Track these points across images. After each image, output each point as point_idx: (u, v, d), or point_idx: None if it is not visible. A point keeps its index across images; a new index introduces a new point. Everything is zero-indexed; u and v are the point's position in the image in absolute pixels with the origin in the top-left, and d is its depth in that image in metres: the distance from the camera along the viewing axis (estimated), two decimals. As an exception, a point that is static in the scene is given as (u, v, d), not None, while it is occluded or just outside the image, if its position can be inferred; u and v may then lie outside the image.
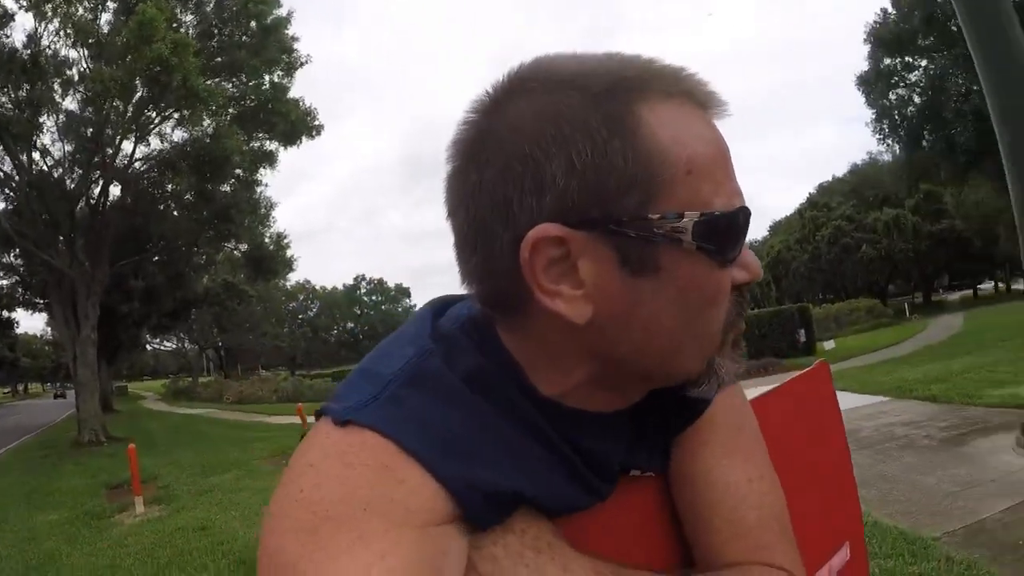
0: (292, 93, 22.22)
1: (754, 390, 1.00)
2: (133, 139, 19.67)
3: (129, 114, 18.58)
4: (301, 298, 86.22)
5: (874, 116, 24.39)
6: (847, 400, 10.79)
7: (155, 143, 20.80)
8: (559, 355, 0.63)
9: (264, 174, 23.11)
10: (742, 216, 0.59)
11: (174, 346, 62.16)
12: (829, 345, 23.85)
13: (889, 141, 24.84)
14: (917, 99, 23.60)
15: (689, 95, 0.59)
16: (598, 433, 0.68)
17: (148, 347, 55.20)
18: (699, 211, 0.56)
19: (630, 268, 0.57)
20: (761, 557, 0.75)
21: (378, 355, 0.67)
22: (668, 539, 0.82)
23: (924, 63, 23.03)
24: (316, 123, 22.56)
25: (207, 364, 72.46)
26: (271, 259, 27.03)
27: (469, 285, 0.63)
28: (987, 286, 61.37)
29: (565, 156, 0.54)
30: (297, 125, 21.91)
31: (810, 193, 67.87)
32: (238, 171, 21.56)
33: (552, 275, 0.57)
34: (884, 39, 22.39)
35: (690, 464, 0.78)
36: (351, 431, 0.58)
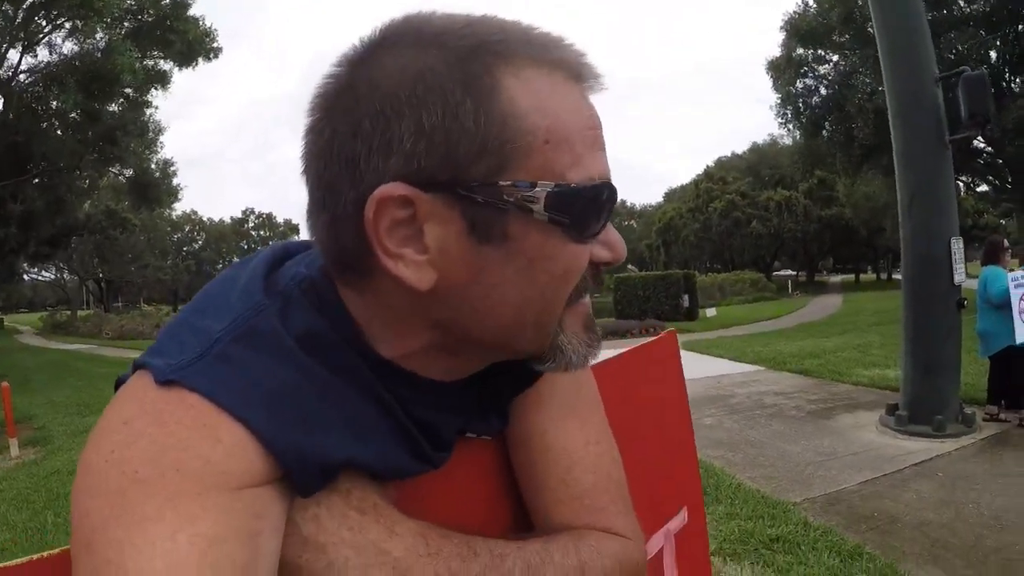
0: (193, 11, 20.94)
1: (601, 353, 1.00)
2: (20, 48, 18.25)
3: (18, 20, 17.23)
4: (187, 229, 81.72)
5: (779, 101, 25.17)
6: (723, 367, 11.24)
7: (43, 55, 19.39)
8: (400, 319, 0.62)
9: (155, 95, 21.89)
10: (604, 193, 0.58)
11: (53, 277, 58.33)
12: (711, 312, 24.59)
13: (791, 126, 25.74)
14: (823, 90, 24.44)
15: (560, 65, 0.57)
16: (434, 402, 0.67)
17: (25, 277, 51.64)
18: (554, 182, 0.55)
19: (478, 236, 0.55)
20: (596, 520, 0.76)
21: (205, 305, 0.63)
22: (505, 503, 0.82)
23: (835, 58, 23.83)
24: (215, 45, 21.46)
25: (87, 297, 68.68)
26: (156, 187, 25.69)
27: (317, 242, 0.62)
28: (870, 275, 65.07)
29: (415, 117, 0.53)
30: (194, 45, 20.72)
31: (708, 166, 69.53)
32: (128, 90, 20.35)
33: (396, 238, 0.55)
34: (800, 30, 23.00)
35: (526, 426, 0.78)
36: (172, 390, 0.54)
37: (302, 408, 0.57)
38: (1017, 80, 20.73)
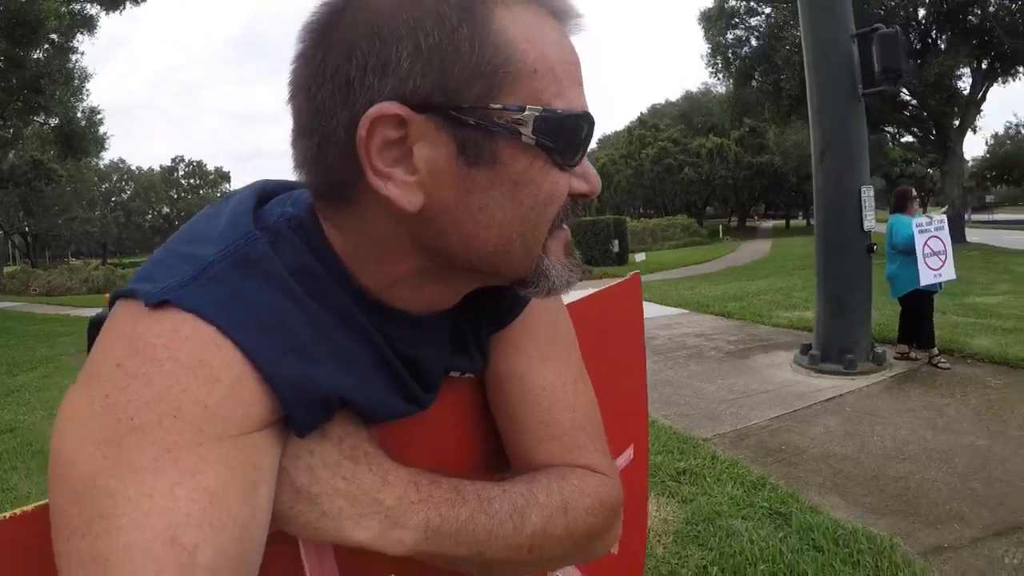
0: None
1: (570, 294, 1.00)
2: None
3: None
4: (115, 179, 78.43)
5: (709, 50, 25.44)
6: (648, 310, 11.33)
7: (-37, 0, 18.29)
8: (385, 247, 0.62)
9: (81, 41, 21.06)
10: (585, 123, 0.60)
11: (-24, 233, 55.72)
12: (640, 257, 24.54)
13: (720, 76, 26.04)
14: (754, 41, 24.76)
15: (545, 2, 0.60)
16: (422, 338, 0.69)
17: (-52, 233, 49.29)
18: (541, 107, 0.57)
19: (467, 158, 0.56)
20: (575, 458, 0.78)
21: (192, 236, 0.62)
22: (485, 441, 0.85)
23: (768, 10, 24.05)
24: (143, -13, 20.67)
25: (13, 252, 65.91)
26: (83, 136, 24.66)
27: (301, 171, 0.61)
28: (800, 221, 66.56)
29: (413, 39, 0.53)
30: (122, -12, 19.98)
31: (641, 113, 69.96)
32: (53, 36, 19.46)
33: (387, 158, 0.56)
34: (733, -20, 23.17)
35: (506, 366, 0.80)
36: (164, 316, 0.52)
37: (298, 337, 0.57)
38: (943, 37, 21.28)
